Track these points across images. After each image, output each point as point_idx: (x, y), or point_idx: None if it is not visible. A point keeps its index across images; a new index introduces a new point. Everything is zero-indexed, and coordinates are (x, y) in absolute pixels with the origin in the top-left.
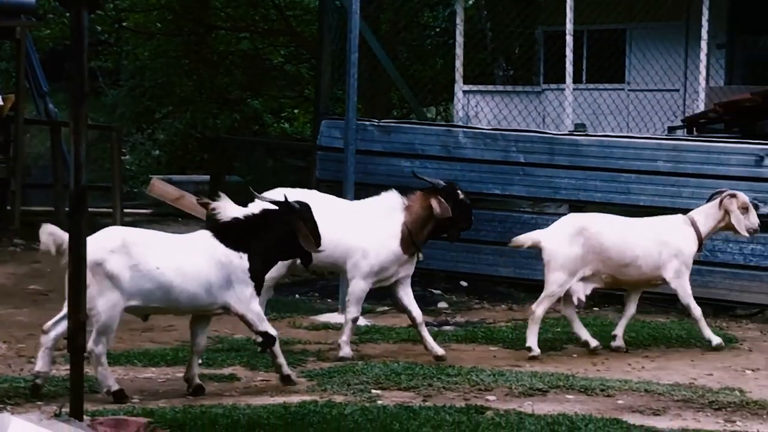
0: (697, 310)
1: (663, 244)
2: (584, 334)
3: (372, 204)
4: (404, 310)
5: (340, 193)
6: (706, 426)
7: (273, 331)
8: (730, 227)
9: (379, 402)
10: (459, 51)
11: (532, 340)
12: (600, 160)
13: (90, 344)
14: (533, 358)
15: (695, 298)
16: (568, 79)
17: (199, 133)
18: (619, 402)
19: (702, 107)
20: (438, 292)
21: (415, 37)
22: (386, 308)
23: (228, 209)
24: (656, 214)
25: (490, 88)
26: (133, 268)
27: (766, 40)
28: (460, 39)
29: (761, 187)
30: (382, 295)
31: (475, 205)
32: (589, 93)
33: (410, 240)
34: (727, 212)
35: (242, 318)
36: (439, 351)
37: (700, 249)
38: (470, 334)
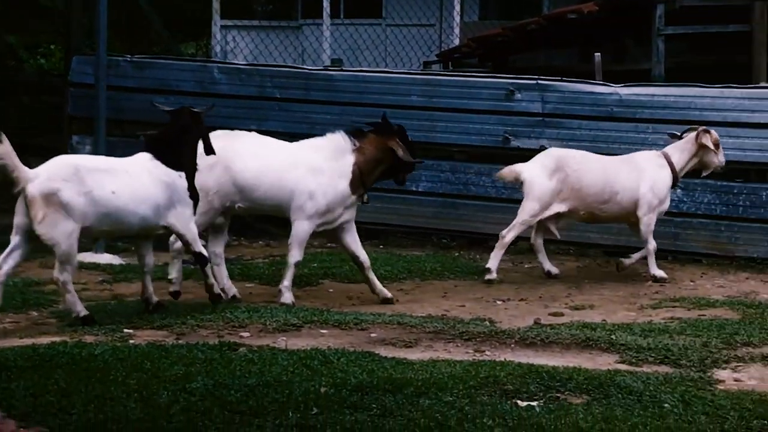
0: (651, 245)
1: (641, 180)
2: (547, 264)
3: (318, 145)
4: (352, 255)
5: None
6: (456, 356)
7: (205, 252)
8: (702, 164)
9: (131, 341)
10: None
11: (493, 262)
12: (355, 95)
13: (55, 273)
14: (489, 281)
15: (453, 230)
16: (325, 14)
17: None
18: (373, 335)
19: (457, 42)
20: None
21: None
22: None
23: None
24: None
25: (246, 23)
26: (87, 194)
27: None
28: None
29: (512, 120)
30: None
31: None
32: (345, 28)
33: (360, 181)
34: (701, 148)
35: (181, 237)
36: (387, 294)
37: (674, 185)
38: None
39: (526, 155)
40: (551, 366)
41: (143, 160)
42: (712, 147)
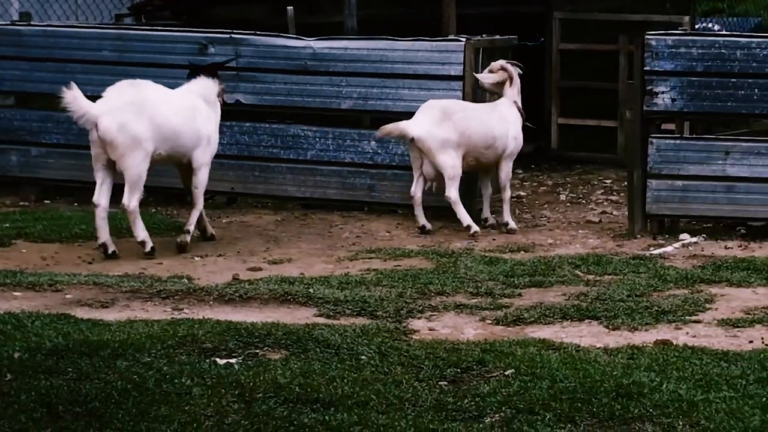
0: (509, 193)
1: (507, 127)
2: (422, 219)
3: (196, 89)
4: None
5: None
6: (154, 315)
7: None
8: None
9: None
10: None
11: (465, 218)
12: (45, 50)
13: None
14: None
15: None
16: None
17: None
18: (68, 296)
19: None
20: None
21: None
22: None
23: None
24: None
25: None
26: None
27: None
28: None
29: None
30: None
31: None
32: None
33: None
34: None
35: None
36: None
37: None
38: None
39: (223, 110)
40: (250, 322)
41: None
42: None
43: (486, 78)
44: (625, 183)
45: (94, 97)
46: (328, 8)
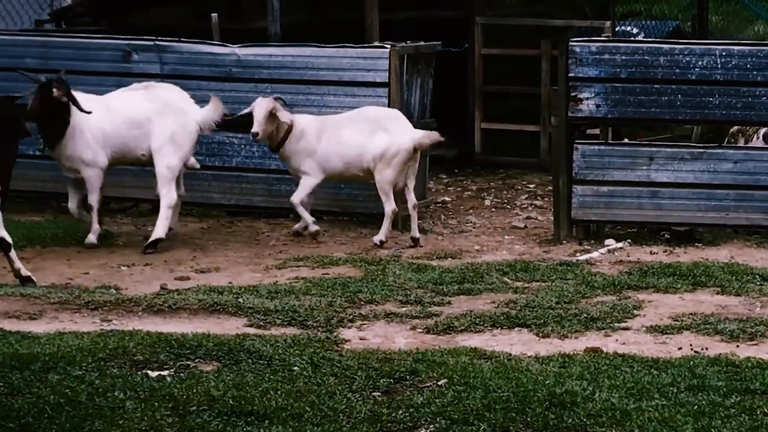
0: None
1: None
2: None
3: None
4: None
5: None
6: (83, 327)
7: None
8: None
9: None
10: None
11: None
12: None
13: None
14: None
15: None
16: None
17: None
18: None
19: (69, 0)
20: None
21: None
22: None
23: None
24: (25, 111)
25: None
26: None
27: None
28: None
29: (130, 82)
30: None
31: None
32: None
33: None
34: None
35: None
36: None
37: None
38: None
39: None
40: (180, 333)
41: None
42: None
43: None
44: (549, 187)
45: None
46: (251, 14)
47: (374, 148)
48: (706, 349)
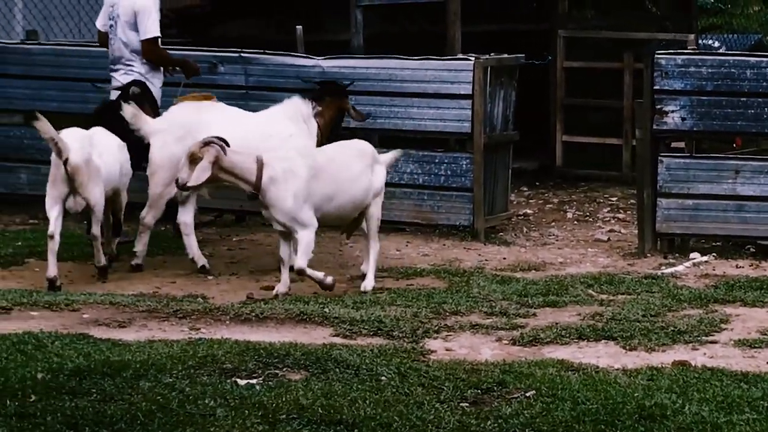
0: None
1: None
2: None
3: (283, 113)
4: None
5: None
6: (172, 335)
7: None
8: None
9: None
10: None
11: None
12: (54, 69)
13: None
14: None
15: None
16: None
17: None
18: (85, 316)
19: None
20: None
21: None
22: None
23: None
24: None
25: None
26: None
27: None
28: None
29: (215, 94)
30: None
31: None
32: None
33: (320, 144)
34: None
35: None
36: None
37: None
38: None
39: None
40: (268, 342)
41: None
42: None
43: None
44: (632, 201)
45: None
46: (332, 26)
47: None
48: None
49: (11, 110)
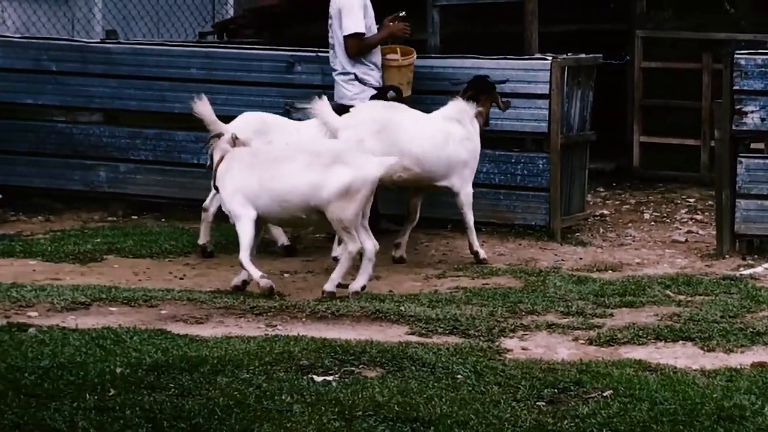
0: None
1: None
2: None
3: (452, 115)
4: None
5: None
6: (249, 332)
7: None
8: None
9: None
10: None
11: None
12: (134, 68)
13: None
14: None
15: None
16: None
17: None
18: (163, 312)
19: (231, 13)
20: None
21: None
22: None
23: None
24: (190, 121)
25: None
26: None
27: None
28: None
29: (292, 92)
30: None
31: (8, 116)
32: None
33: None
34: None
35: None
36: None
37: None
38: (7, 249)
39: None
40: (344, 339)
41: None
42: None
43: None
44: (710, 202)
45: (183, 115)
46: (411, 26)
47: None
48: None
49: (92, 109)
